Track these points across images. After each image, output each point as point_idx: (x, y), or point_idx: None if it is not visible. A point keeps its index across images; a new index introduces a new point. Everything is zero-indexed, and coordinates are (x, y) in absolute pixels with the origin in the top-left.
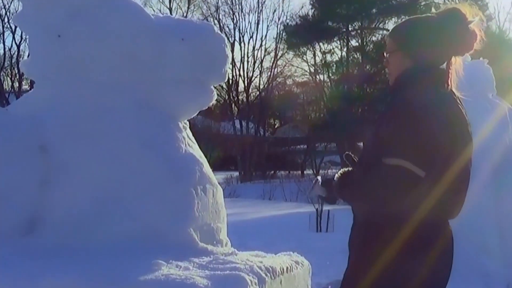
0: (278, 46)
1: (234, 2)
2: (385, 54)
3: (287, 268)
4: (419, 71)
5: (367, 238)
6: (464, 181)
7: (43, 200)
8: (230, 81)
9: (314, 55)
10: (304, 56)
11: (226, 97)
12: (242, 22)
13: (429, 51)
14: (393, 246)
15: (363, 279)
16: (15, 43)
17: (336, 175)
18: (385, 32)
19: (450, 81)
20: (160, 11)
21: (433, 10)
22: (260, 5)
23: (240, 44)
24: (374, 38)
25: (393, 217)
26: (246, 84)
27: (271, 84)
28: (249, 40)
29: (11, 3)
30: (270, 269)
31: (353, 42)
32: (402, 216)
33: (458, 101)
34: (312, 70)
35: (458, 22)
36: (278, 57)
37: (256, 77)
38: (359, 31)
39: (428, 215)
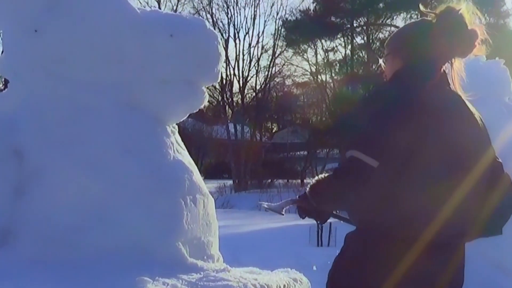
0: (276, 43)
1: None
2: (381, 62)
3: (284, 286)
4: (408, 70)
5: (361, 250)
6: (469, 192)
7: (16, 211)
8: (224, 81)
9: (316, 53)
10: (305, 54)
11: (219, 99)
12: (237, 16)
13: (420, 51)
14: (391, 262)
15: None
16: None
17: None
18: (393, 28)
19: (452, 81)
20: (147, 4)
21: (421, 7)
22: None
23: (234, 41)
24: (381, 35)
25: (388, 227)
26: (241, 85)
27: (268, 85)
28: (244, 36)
29: None
30: (266, 287)
31: (358, 39)
32: (395, 227)
33: (458, 101)
34: (313, 69)
35: (452, 22)
36: (276, 55)
37: (252, 76)
38: (364, 27)
39: (431, 228)
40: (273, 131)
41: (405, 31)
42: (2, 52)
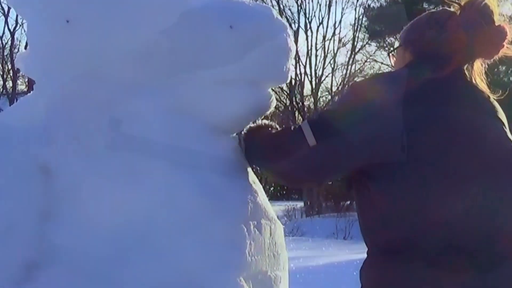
0: (357, 35)
1: None
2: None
3: None
4: (417, 64)
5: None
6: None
7: (43, 239)
8: (293, 82)
9: None
10: (391, 48)
11: (288, 103)
12: (308, 3)
13: (434, 45)
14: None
15: None
16: (8, 29)
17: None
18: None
19: (473, 79)
20: None
21: None
22: None
23: (306, 33)
24: None
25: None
26: (313, 86)
27: (347, 86)
28: (318, 27)
29: None
30: None
31: None
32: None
33: (477, 94)
34: None
35: (476, 14)
36: (357, 50)
37: (327, 76)
38: None
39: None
40: None
41: (420, 21)
42: (26, 46)
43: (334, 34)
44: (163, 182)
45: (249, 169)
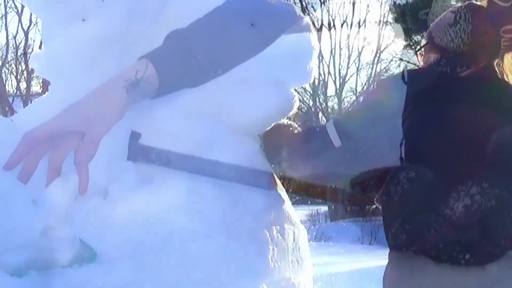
0: (382, 33)
1: None
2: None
3: None
4: (442, 60)
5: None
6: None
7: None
8: (317, 82)
9: None
10: (418, 46)
11: (311, 103)
12: (332, 0)
13: (459, 40)
14: None
15: None
16: (22, 28)
17: None
18: None
19: (505, 76)
20: None
21: None
22: None
23: (329, 31)
24: None
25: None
26: (337, 86)
27: (372, 86)
28: (342, 25)
29: None
30: None
31: None
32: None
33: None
34: None
35: (503, 6)
36: (382, 48)
37: (351, 76)
38: None
39: None
40: None
41: (447, 17)
42: (41, 46)
43: (358, 32)
44: (183, 190)
45: (273, 173)
